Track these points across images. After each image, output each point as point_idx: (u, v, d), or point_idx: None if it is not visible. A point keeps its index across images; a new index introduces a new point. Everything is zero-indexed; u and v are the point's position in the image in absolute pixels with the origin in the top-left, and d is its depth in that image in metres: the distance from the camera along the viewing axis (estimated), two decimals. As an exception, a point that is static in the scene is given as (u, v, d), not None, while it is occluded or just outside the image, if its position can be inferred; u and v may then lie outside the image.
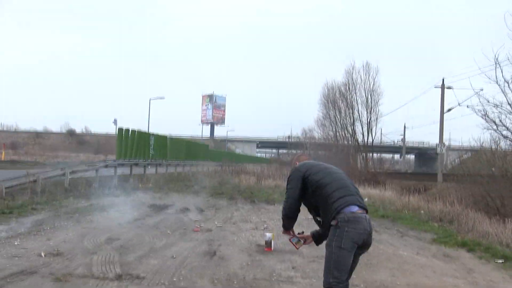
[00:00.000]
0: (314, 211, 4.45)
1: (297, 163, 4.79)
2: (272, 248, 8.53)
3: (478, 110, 18.83)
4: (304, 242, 4.82)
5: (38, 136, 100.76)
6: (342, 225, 4.04)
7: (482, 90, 19.76)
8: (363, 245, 4.20)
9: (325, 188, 4.23)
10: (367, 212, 4.27)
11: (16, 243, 8.04)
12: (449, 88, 35.84)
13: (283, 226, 4.67)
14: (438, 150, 36.67)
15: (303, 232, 4.79)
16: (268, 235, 8.75)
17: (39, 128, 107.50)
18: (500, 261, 8.50)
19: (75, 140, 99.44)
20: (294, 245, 4.83)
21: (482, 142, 21.89)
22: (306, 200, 4.45)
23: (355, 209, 4.13)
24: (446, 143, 46.33)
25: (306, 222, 9.45)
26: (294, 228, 4.76)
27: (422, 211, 15.20)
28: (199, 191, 20.48)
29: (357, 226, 4.05)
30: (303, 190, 4.38)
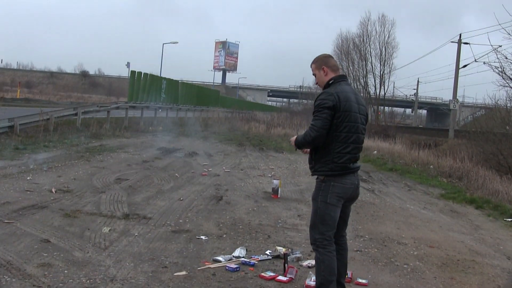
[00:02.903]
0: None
1: (326, 70, 3.97)
2: (279, 195, 8.57)
3: (495, 66, 18.47)
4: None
5: (52, 76, 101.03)
6: (328, 179, 3.79)
7: (500, 46, 19.24)
8: (350, 198, 3.96)
9: (340, 135, 3.75)
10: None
11: (28, 178, 8.17)
12: (466, 43, 34.93)
13: (298, 145, 3.96)
14: (451, 106, 36.12)
15: None
16: (275, 182, 8.76)
17: (54, 68, 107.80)
18: (509, 219, 8.49)
19: (88, 82, 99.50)
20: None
21: (497, 100, 21.61)
22: None
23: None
24: (460, 99, 45.82)
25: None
26: None
27: (431, 166, 15.15)
28: (209, 136, 20.55)
29: (344, 180, 3.79)
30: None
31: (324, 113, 3.72)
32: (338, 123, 3.73)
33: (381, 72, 43.64)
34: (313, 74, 4.09)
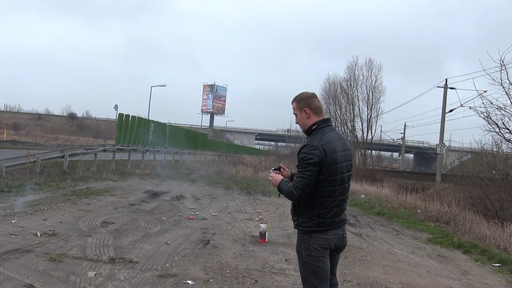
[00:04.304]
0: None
1: (308, 113, 3.72)
2: (266, 239, 8.52)
3: (481, 111, 18.69)
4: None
5: (39, 118, 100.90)
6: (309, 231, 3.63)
7: (485, 91, 19.58)
8: (337, 248, 3.70)
9: (326, 190, 3.57)
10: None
11: (13, 221, 8.07)
12: (452, 88, 35.61)
13: (279, 189, 3.73)
14: (438, 150, 36.49)
15: (279, 168, 3.92)
16: (263, 226, 8.73)
17: (41, 110, 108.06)
18: (497, 264, 8.47)
19: (76, 124, 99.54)
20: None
21: (483, 144, 21.77)
22: None
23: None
24: (447, 143, 46.28)
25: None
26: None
27: (418, 211, 15.19)
28: (196, 179, 20.50)
29: (326, 232, 3.59)
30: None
31: (308, 171, 3.48)
32: (323, 178, 3.51)
33: (369, 116, 44.20)
34: (294, 113, 3.81)
